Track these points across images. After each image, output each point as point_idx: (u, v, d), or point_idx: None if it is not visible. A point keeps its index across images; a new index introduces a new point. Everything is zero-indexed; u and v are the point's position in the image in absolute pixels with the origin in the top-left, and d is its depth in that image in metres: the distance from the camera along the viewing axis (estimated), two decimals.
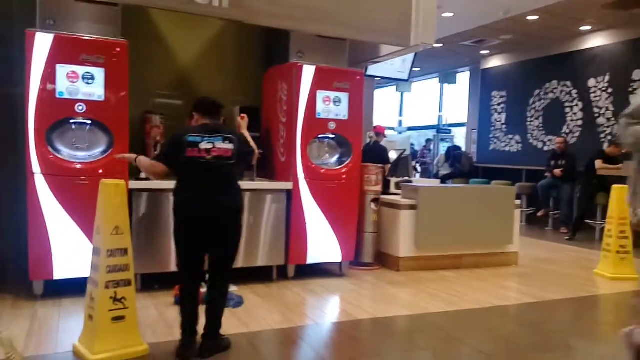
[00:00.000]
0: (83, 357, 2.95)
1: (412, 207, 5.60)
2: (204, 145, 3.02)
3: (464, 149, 12.94)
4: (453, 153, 12.05)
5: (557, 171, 8.95)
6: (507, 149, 11.83)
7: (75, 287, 4.16)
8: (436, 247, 5.74)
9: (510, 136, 11.75)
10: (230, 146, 3.08)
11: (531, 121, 11.19)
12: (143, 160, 3.29)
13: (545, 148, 10.71)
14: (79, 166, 4.04)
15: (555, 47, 10.48)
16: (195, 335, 3.08)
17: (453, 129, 16.18)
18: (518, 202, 6.36)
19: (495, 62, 12.24)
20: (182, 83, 5.40)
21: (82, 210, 4.00)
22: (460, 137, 15.26)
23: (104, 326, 2.96)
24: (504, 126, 11.98)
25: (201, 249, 3.11)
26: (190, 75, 5.42)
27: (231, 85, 5.59)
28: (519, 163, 11.03)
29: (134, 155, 3.35)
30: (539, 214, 9.51)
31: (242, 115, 3.75)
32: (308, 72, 4.82)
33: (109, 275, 2.98)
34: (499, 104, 12.14)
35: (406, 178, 6.91)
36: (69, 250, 4.01)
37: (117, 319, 2.99)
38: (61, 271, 4.02)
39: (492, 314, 4.26)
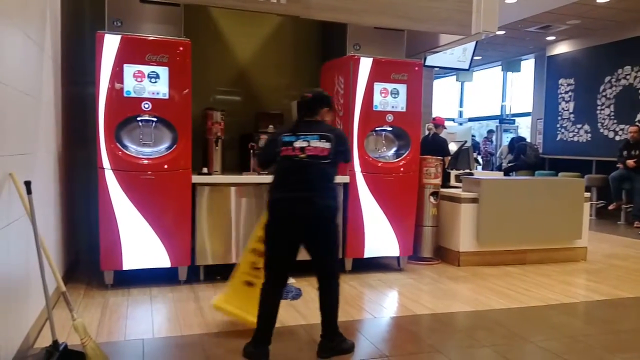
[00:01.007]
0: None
1: (474, 201, 5.47)
2: (299, 144, 2.94)
3: (528, 140, 12.49)
4: (517, 144, 11.66)
5: (631, 162, 8.53)
6: (575, 139, 11.32)
7: (142, 278, 4.36)
8: (499, 241, 5.59)
9: (579, 125, 11.22)
10: (327, 145, 2.95)
11: (602, 109, 10.65)
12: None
13: (617, 138, 10.16)
14: (145, 162, 4.20)
15: (628, 31, 9.89)
16: (268, 344, 2.94)
17: (517, 119, 15.64)
18: (587, 194, 6.10)
19: (562, 48, 11.71)
20: (241, 79, 5.51)
21: (149, 204, 4.18)
22: (524, 128, 14.74)
23: (236, 284, 3.32)
24: (571, 115, 11.46)
25: (289, 248, 3.00)
26: (249, 72, 5.53)
27: (288, 80, 5.66)
28: (589, 154, 10.56)
29: None
30: (611, 207, 9.12)
31: None
32: (365, 65, 4.79)
33: (257, 244, 3.24)
34: (566, 92, 11.63)
35: (467, 170, 6.76)
36: (137, 242, 4.19)
37: (248, 283, 3.30)
38: (130, 262, 4.21)
39: (559, 312, 4.10)
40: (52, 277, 2.83)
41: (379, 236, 4.94)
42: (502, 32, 10.28)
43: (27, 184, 2.65)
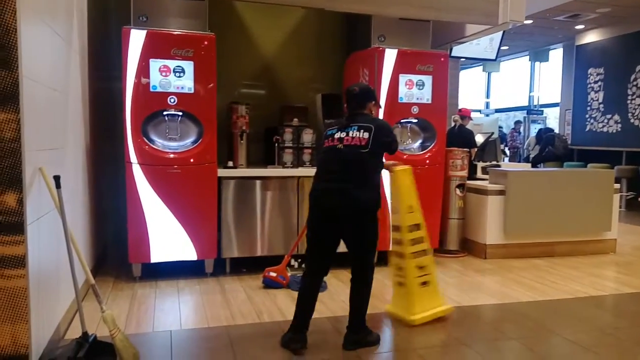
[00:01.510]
0: (402, 318, 3.47)
1: (501, 193, 5.39)
2: (338, 135, 3.01)
3: (557, 131, 12.25)
4: (545, 135, 11.45)
5: None
6: (604, 129, 11.07)
7: (169, 270, 4.42)
8: (526, 234, 5.50)
9: (609, 116, 10.96)
10: (365, 135, 2.96)
11: (632, 99, 10.38)
12: None
13: None
14: (171, 156, 4.25)
15: None
16: (305, 330, 3.01)
17: (545, 109, 15.35)
18: (617, 186, 5.96)
19: (591, 37, 11.43)
20: (266, 73, 5.52)
21: (176, 197, 4.23)
22: (553, 118, 14.46)
23: (415, 290, 3.44)
24: (601, 105, 11.20)
25: (326, 240, 3.02)
26: (273, 65, 5.53)
27: (313, 73, 5.64)
28: (619, 144, 10.32)
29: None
30: None
31: None
32: (390, 56, 4.75)
33: (412, 247, 3.41)
34: (595, 82, 11.36)
35: (494, 162, 6.67)
36: (164, 235, 4.25)
37: (423, 283, 3.49)
38: (157, 255, 4.27)
39: (587, 304, 4.03)
40: (81, 270, 2.89)
41: None
42: (530, 22, 10.08)
43: (57, 178, 2.70)
